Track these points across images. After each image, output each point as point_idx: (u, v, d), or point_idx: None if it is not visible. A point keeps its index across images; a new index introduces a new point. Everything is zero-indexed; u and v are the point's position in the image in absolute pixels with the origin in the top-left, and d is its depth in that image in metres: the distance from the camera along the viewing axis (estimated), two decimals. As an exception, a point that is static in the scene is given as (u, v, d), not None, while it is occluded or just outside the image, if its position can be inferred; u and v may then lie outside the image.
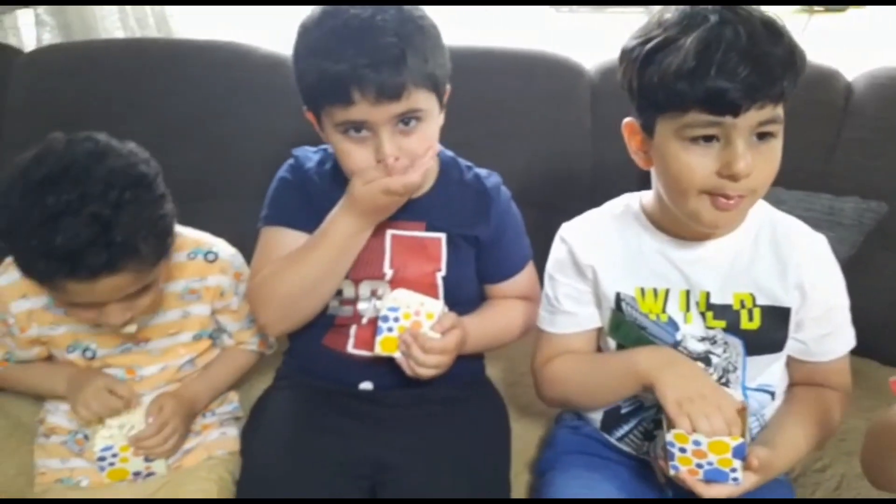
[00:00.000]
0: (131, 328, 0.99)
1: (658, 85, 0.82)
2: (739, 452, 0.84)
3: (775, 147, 0.85)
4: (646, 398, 0.98)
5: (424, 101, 0.96)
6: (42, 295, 1.03)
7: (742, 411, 0.87)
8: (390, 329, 0.99)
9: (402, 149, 0.96)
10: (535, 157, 1.55)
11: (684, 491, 0.88)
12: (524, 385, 1.23)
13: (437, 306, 1.00)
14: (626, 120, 0.93)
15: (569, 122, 1.55)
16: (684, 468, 0.87)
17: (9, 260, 1.04)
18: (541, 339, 1.07)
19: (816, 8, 2.26)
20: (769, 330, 0.94)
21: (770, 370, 0.98)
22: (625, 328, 0.99)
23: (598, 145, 1.53)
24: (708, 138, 0.82)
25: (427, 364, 0.98)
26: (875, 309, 1.31)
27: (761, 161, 0.83)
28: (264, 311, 1.05)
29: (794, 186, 1.39)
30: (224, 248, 1.13)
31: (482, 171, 1.15)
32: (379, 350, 1.00)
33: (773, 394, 0.98)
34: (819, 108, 1.45)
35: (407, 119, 0.95)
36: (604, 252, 0.99)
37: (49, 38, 1.76)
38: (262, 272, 1.04)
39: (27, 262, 0.87)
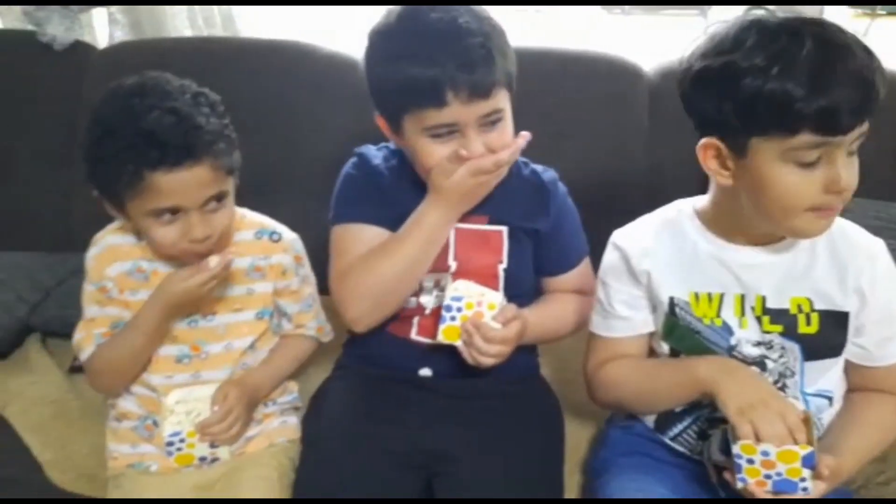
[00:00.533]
0: (214, 261, 1.02)
1: (765, 106, 0.81)
2: (809, 461, 0.83)
3: (855, 158, 0.87)
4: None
5: (504, 99, 1.01)
6: (127, 261, 1.09)
7: (807, 420, 0.86)
8: (453, 318, 1.02)
9: (487, 145, 1.00)
10: (592, 158, 1.55)
11: (737, 493, 0.88)
12: (576, 384, 1.23)
13: (497, 297, 1.03)
14: (704, 141, 0.90)
15: (626, 123, 1.55)
16: (752, 480, 0.86)
17: (97, 235, 1.12)
18: (594, 342, 1.08)
19: (879, 10, 2.20)
20: (827, 334, 0.93)
21: (828, 375, 0.97)
22: (679, 332, 0.99)
23: (654, 147, 1.53)
24: (810, 163, 0.84)
25: (488, 353, 1.01)
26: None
27: (854, 172, 0.85)
28: (354, 305, 1.07)
29: (861, 194, 1.36)
30: (286, 231, 1.19)
31: (538, 167, 1.19)
32: (441, 338, 1.03)
33: (830, 399, 0.98)
34: (889, 114, 1.41)
35: (493, 119, 0.99)
36: (657, 257, 0.99)
37: (121, 35, 1.83)
38: (349, 270, 1.07)
39: (118, 159, 0.95)
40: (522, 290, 1.14)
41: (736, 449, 0.86)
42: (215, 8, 1.79)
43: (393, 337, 1.13)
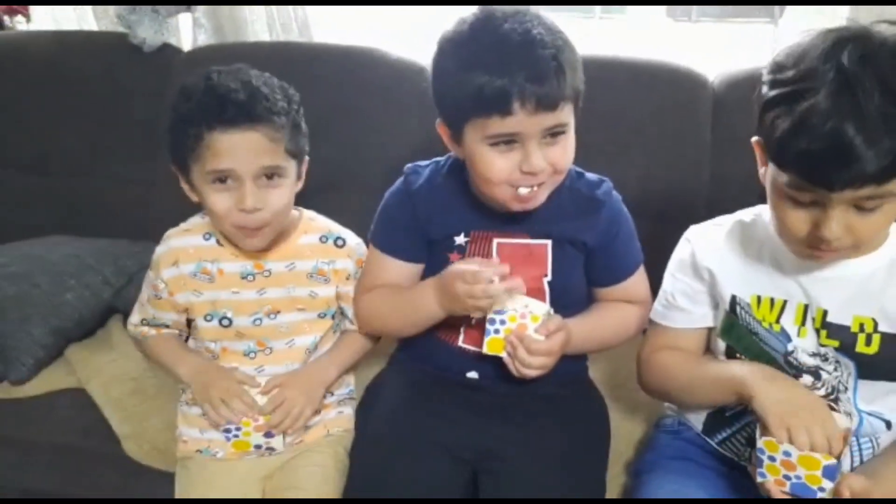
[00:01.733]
0: (260, 241, 1.11)
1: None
2: (829, 473, 0.83)
3: (881, 215, 0.84)
4: None
5: (569, 114, 1.00)
6: (190, 263, 1.16)
7: (845, 437, 0.86)
8: (497, 331, 1.04)
9: (548, 159, 1.00)
10: (653, 167, 1.55)
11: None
12: (627, 388, 1.26)
13: (541, 308, 1.04)
14: (755, 139, 0.93)
15: (689, 133, 1.54)
16: (771, 478, 0.87)
17: (168, 233, 1.20)
18: (652, 330, 1.10)
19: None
20: (888, 357, 0.91)
21: (887, 401, 0.95)
22: (737, 331, 1.00)
23: (717, 158, 1.52)
24: (802, 203, 0.84)
25: (532, 365, 1.03)
26: None
27: (862, 226, 0.84)
28: (364, 325, 1.22)
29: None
30: (351, 237, 1.23)
31: (593, 177, 1.18)
32: (487, 350, 1.05)
33: (888, 423, 0.96)
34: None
35: (555, 132, 0.99)
36: (723, 256, 1.00)
37: (204, 39, 1.93)
38: (366, 294, 1.18)
39: (186, 125, 1.03)
40: (571, 301, 1.15)
41: (760, 443, 0.87)
42: (292, 14, 1.87)
43: (441, 342, 1.16)
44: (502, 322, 1.04)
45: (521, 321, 1.03)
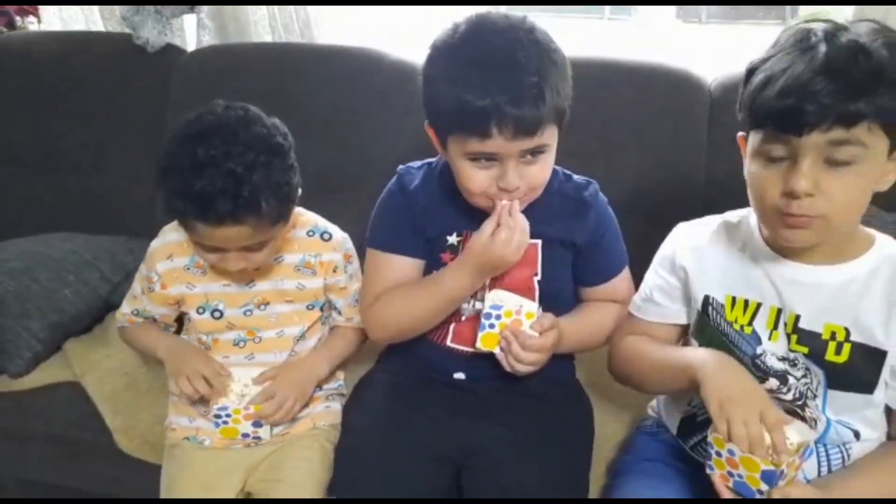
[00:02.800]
0: (246, 280, 1.13)
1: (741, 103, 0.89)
2: (767, 477, 0.83)
3: (853, 175, 0.83)
4: None
5: (551, 136, 1.00)
6: (184, 257, 1.18)
7: (801, 447, 0.85)
8: (492, 325, 1.05)
9: (524, 177, 1.01)
10: (649, 169, 1.56)
11: None
12: (613, 390, 1.25)
13: (534, 307, 1.06)
14: (739, 134, 0.95)
15: (685, 135, 1.54)
16: (718, 472, 0.88)
17: (164, 228, 1.22)
18: (629, 320, 1.12)
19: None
20: (858, 368, 0.90)
21: (861, 414, 0.94)
22: (708, 332, 1.00)
23: (713, 160, 1.52)
24: (777, 158, 0.85)
25: (525, 361, 1.04)
26: None
27: (834, 187, 0.82)
28: (378, 332, 1.18)
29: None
30: (337, 231, 1.25)
31: (580, 179, 1.19)
32: (480, 345, 1.06)
33: (857, 433, 0.94)
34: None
35: (535, 152, 1.00)
36: (703, 255, 1.01)
37: (209, 39, 1.95)
38: (377, 301, 1.14)
39: (172, 199, 1.01)
40: (559, 300, 1.17)
41: (709, 437, 0.88)
42: (294, 15, 1.89)
43: (430, 342, 1.17)
44: (497, 317, 1.05)
45: (516, 317, 1.05)
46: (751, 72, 0.88)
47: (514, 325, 1.04)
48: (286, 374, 1.15)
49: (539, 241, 1.13)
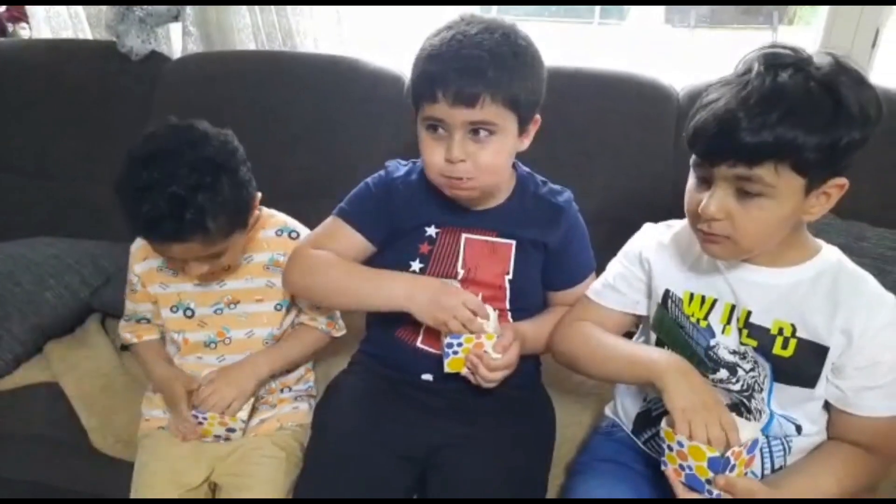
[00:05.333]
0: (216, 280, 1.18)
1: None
2: (714, 465, 0.87)
3: (760, 209, 0.89)
4: None
5: (499, 116, 1.05)
6: (157, 258, 1.22)
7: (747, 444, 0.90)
8: (455, 352, 1.09)
9: (470, 155, 1.05)
10: (618, 176, 1.60)
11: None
12: (577, 393, 1.31)
13: (493, 325, 1.08)
14: None
15: (653, 143, 1.58)
16: (671, 466, 0.92)
17: None
18: (584, 304, 1.16)
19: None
20: (802, 363, 0.96)
21: (803, 408, 0.99)
22: (666, 324, 1.06)
23: (679, 168, 1.54)
24: (700, 179, 0.93)
25: (493, 379, 1.09)
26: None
27: (741, 215, 0.89)
28: (293, 276, 1.19)
29: (882, 224, 1.36)
30: (305, 231, 1.29)
31: (556, 187, 1.24)
32: (448, 370, 1.10)
33: (799, 427, 0.99)
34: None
35: (478, 128, 1.05)
36: (666, 253, 1.07)
37: (193, 47, 1.99)
38: (312, 252, 1.18)
39: (125, 218, 1.06)
40: (528, 301, 1.21)
41: (661, 433, 0.92)
42: (276, 23, 1.93)
43: (400, 342, 1.21)
44: (459, 344, 1.08)
45: (477, 340, 1.08)
46: (704, 93, 0.93)
47: (476, 348, 1.07)
48: (225, 373, 1.19)
49: (513, 242, 1.18)
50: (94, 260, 1.57)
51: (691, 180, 0.96)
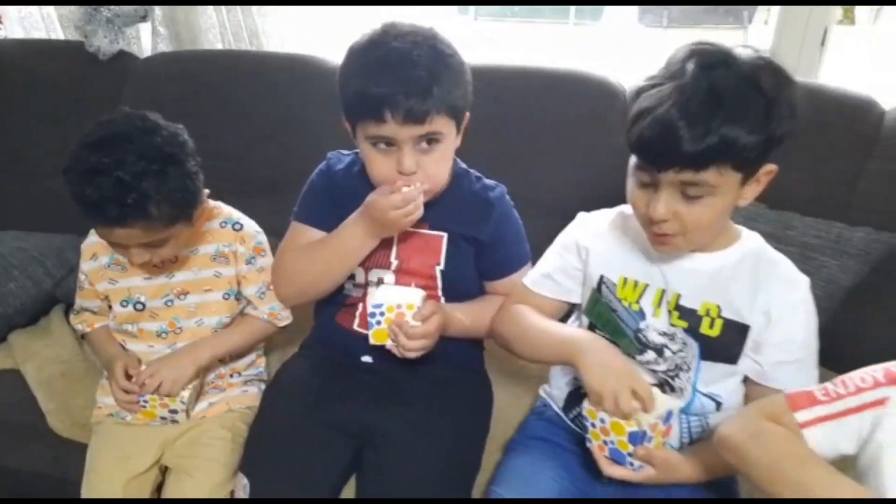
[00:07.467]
0: (164, 272, 1.22)
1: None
2: (633, 439, 0.93)
3: (705, 207, 0.94)
4: None
5: (444, 125, 1.10)
6: (105, 256, 1.27)
7: (668, 413, 0.95)
8: (378, 322, 1.13)
9: (420, 165, 1.11)
10: (569, 171, 1.65)
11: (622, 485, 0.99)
12: (519, 377, 1.37)
13: (416, 297, 1.13)
14: None
15: (602, 140, 1.62)
16: (595, 443, 0.98)
17: (93, 229, 1.29)
18: (522, 292, 1.21)
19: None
20: (726, 341, 1.02)
21: (725, 383, 1.05)
22: (599, 308, 1.11)
23: (626, 164, 1.60)
24: (644, 183, 0.97)
25: (412, 348, 1.13)
26: (880, 339, 1.32)
27: (689, 214, 0.94)
28: (283, 288, 1.27)
29: (811, 213, 1.41)
30: (250, 223, 1.32)
31: (490, 183, 1.28)
32: (373, 341, 1.15)
33: (719, 404, 1.05)
34: (850, 137, 1.46)
35: (428, 139, 1.10)
36: (601, 240, 1.13)
37: (163, 46, 2.04)
38: (285, 258, 1.24)
39: (71, 200, 1.08)
40: (461, 290, 1.26)
41: (584, 412, 0.97)
42: (242, 23, 1.98)
43: (340, 326, 1.27)
44: (381, 314, 1.13)
45: (398, 311, 1.12)
46: (637, 94, 0.96)
47: (398, 318, 1.12)
48: (166, 359, 1.23)
49: (445, 235, 1.23)
50: (59, 252, 1.62)
51: (633, 182, 1.00)
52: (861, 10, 2.88)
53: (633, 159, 0.99)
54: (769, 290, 1.00)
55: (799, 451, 0.83)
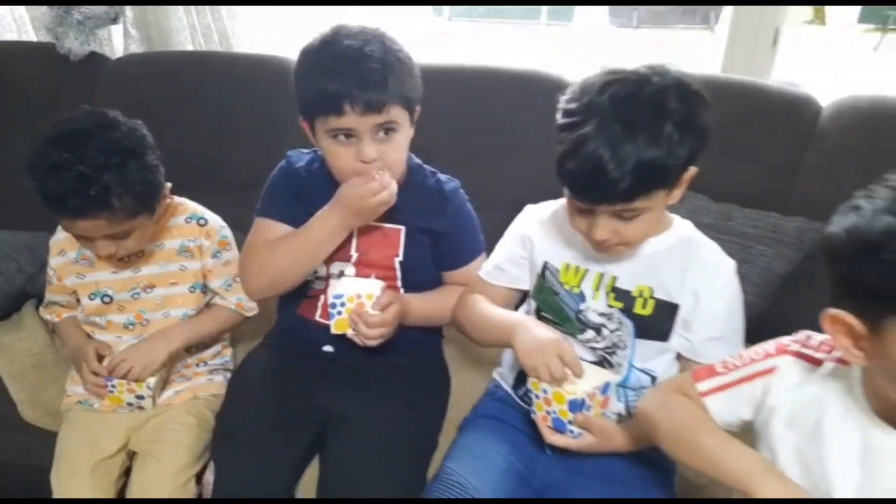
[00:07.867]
0: (129, 266, 1.26)
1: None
2: (573, 406, 1.00)
3: (640, 222, 1.02)
4: None
5: (399, 115, 1.16)
6: (73, 251, 1.31)
7: (604, 384, 1.03)
8: (339, 312, 1.19)
9: (379, 153, 1.16)
10: (530, 167, 1.69)
11: (563, 455, 1.07)
12: (478, 363, 1.43)
13: (375, 287, 1.19)
14: None
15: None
16: (539, 413, 1.05)
17: (60, 225, 1.32)
18: (477, 282, 1.29)
19: (891, 24, 2.25)
20: (658, 319, 1.10)
21: (659, 359, 1.13)
22: (544, 293, 1.18)
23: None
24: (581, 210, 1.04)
25: (372, 336, 1.19)
26: (813, 323, 1.39)
27: (626, 230, 1.02)
28: (251, 280, 1.28)
29: (750, 205, 1.49)
30: (214, 218, 1.37)
31: (443, 177, 1.35)
32: (334, 330, 1.20)
33: (654, 378, 1.13)
34: (788, 133, 1.54)
35: (385, 129, 1.16)
36: (545, 229, 1.20)
37: (135, 48, 2.09)
38: (257, 252, 1.27)
39: (36, 194, 1.12)
40: (420, 281, 1.32)
41: (528, 385, 1.04)
42: (212, 25, 2.03)
43: (302, 318, 1.33)
44: (342, 304, 1.18)
45: (358, 301, 1.18)
46: (560, 128, 1.01)
47: (358, 307, 1.18)
48: (138, 345, 1.27)
49: (403, 228, 1.29)
50: (31, 249, 1.65)
51: (571, 207, 1.05)
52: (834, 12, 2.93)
53: (566, 190, 1.04)
54: (697, 272, 1.08)
55: (696, 418, 0.92)
